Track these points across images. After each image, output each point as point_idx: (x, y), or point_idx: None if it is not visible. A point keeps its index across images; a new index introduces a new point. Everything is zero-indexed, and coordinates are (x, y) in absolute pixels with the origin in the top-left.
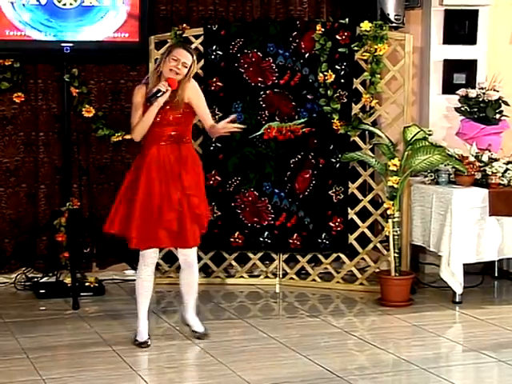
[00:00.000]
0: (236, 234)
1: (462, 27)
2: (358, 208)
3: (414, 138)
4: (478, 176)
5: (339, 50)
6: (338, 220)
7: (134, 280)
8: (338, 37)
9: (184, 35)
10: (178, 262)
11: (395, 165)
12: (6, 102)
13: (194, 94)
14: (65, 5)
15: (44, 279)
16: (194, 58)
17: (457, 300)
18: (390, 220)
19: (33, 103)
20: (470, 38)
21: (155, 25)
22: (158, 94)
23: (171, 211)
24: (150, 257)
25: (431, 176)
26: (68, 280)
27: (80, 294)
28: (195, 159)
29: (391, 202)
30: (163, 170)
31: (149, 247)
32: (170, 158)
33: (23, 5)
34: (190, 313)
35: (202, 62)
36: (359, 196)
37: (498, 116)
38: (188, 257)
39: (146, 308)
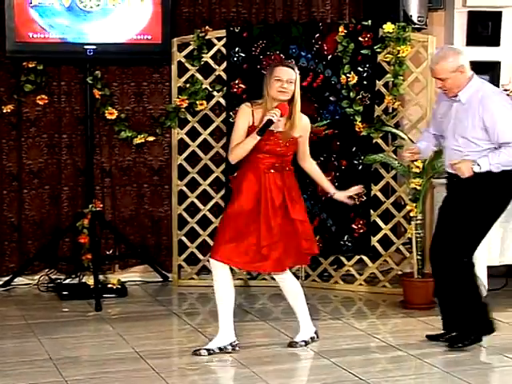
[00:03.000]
0: None
1: (485, 29)
2: (380, 210)
3: None
4: None
5: (362, 51)
6: (361, 222)
7: (157, 282)
8: (360, 38)
9: (207, 37)
10: (201, 264)
11: (418, 167)
12: (30, 104)
13: (305, 133)
14: (87, 7)
15: (67, 281)
16: (297, 71)
17: None
18: (412, 222)
19: (56, 105)
20: (494, 40)
21: (178, 27)
22: (269, 125)
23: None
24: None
25: None
26: (91, 282)
27: (102, 295)
28: (297, 188)
29: (414, 204)
30: (266, 196)
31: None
32: (273, 186)
33: (47, 7)
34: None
35: (225, 64)
36: (382, 198)
37: None
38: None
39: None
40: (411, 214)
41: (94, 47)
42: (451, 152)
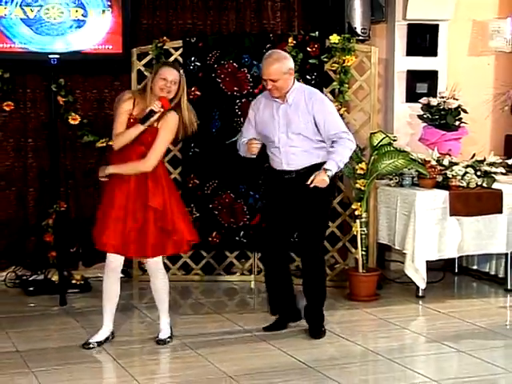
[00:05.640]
0: (214, 234)
1: (423, 40)
2: None
3: (380, 143)
4: (440, 179)
5: (310, 61)
6: None
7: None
8: (308, 49)
9: (164, 47)
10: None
11: (362, 168)
12: None
13: (164, 126)
14: (51, 18)
15: (33, 277)
16: (181, 72)
17: (420, 295)
18: (357, 220)
19: (22, 111)
20: (431, 51)
21: (137, 37)
22: (152, 115)
23: (134, 223)
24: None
25: (396, 179)
26: (55, 278)
27: (67, 290)
28: (163, 177)
29: (359, 204)
30: (131, 186)
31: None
32: (137, 176)
33: (12, 19)
34: (160, 318)
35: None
36: None
37: (457, 123)
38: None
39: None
40: (356, 213)
41: (58, 56)
42: (288, 150)
